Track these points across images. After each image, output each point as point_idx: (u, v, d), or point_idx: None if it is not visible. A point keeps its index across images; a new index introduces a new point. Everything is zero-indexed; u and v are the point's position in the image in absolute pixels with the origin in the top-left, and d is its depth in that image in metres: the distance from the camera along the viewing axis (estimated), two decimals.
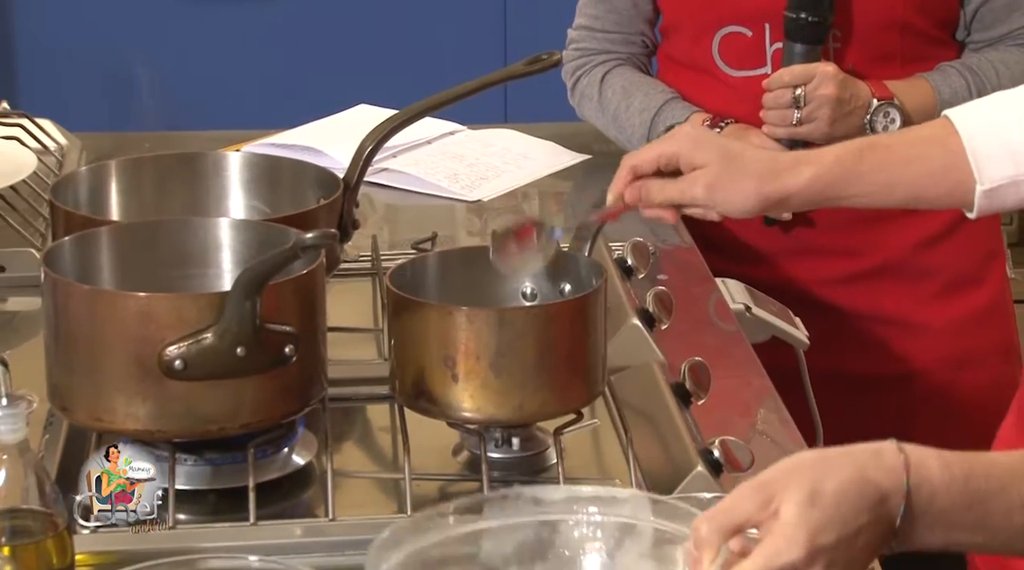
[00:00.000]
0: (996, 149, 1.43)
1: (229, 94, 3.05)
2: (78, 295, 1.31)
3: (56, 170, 2.00)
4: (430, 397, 1.34)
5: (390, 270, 1.41)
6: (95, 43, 3.15)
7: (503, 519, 1.11)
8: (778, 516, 1.02)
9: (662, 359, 1.53)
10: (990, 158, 1.43)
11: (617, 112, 2.07)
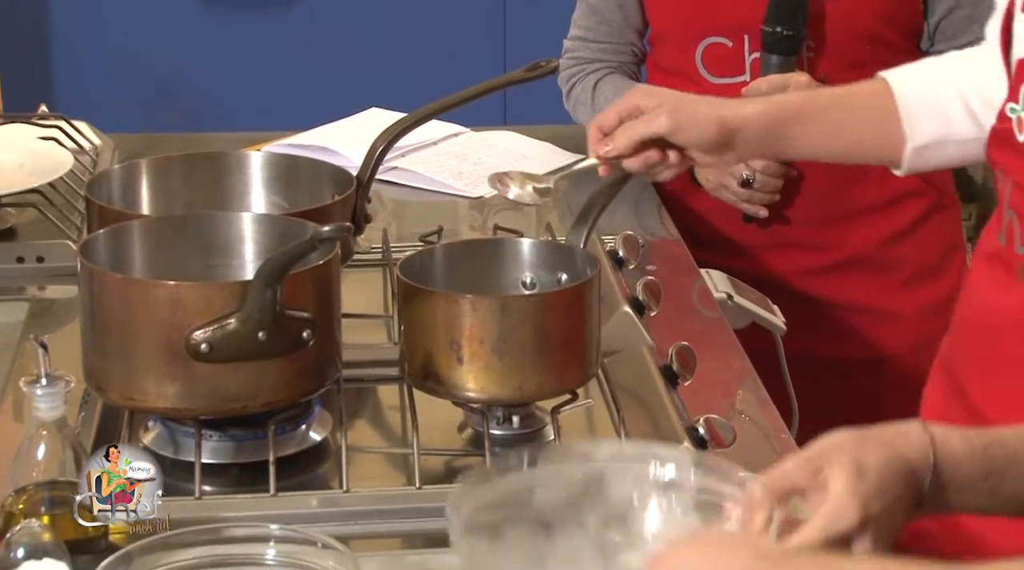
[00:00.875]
0: (927, 109, 1.43)
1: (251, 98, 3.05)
2: (112, 283, 1.30)
3: (91, 168, 1.99)
4: (437, 378, 1.34)
5: (400, 261, 1.40)
6: (127, 50, 3.14)
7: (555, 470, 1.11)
8: (828, 487, 1.03)
9: (651, 343, 1.53)
10: (921, 117, 1.42)
11: None
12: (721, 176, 1.98)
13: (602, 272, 1.40)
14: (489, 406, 1.36)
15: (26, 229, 1.81)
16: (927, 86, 1.44)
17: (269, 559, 1.11)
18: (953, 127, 1.43)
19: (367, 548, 1.19)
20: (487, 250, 1.46)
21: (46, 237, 1.77)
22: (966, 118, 1.43)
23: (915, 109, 1.43)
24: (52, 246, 1.75)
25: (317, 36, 3.13)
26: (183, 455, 1.32)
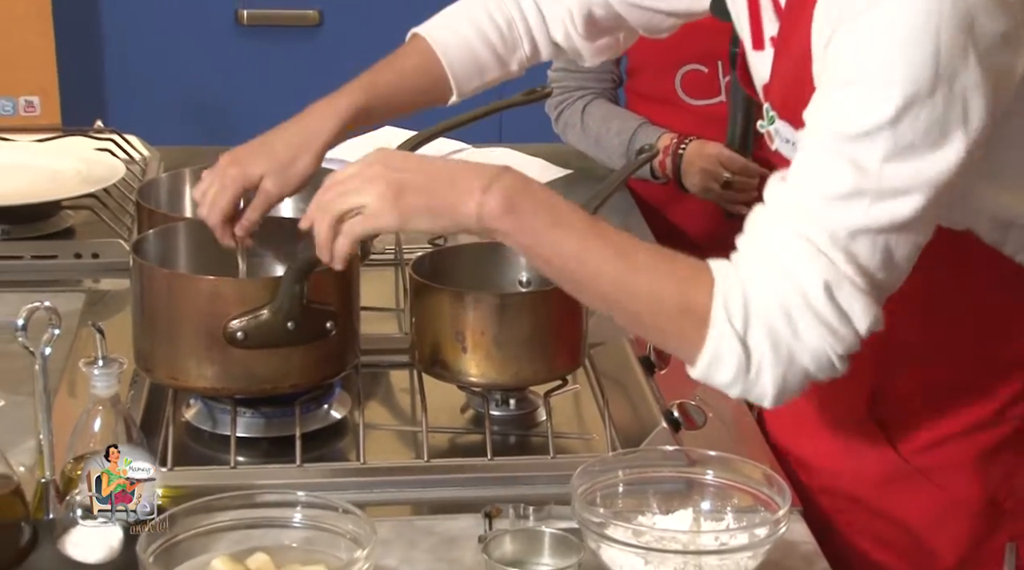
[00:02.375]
0: (466, 66, 1.44)
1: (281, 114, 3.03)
2: (160, 278, 1.29)
3: (140, 176, 1.98)
4: (443, 365, 1.33)
5: (412, 261, 1.39)
6: (172, 72, 3.12)
7: None
8: None
9: (631, 336, 1.52)
10: (462, 74, 1.44)
11: (599, 135, 2.07)
12: (705, 181, 1.97)
13: None
14: (489, 390, 1.35)
15: (83, 229, 1.80)
16: (465, 45, 1.44)
17: (296, 522, 1.11)
18: (487, 76, 1.46)
19: (381, 514, 1.18)
20: (489, 252, 1.45)
21: (100, 236, 1.76)
22: (497, 67, 1.46)
23: (460, 71, 1.44)
24: (106, 244, 1.74)
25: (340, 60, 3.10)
26: (220, 429, 1.32)
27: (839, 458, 1.28)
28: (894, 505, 1.27)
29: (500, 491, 1.23)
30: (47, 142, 2.03)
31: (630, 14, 1.44)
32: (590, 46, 1.47)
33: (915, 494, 1.26)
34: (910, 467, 1.25)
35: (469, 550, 1.14)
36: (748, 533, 1.09)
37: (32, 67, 2.96)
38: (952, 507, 1.25)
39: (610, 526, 1.08)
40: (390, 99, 1.41)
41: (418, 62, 1.43)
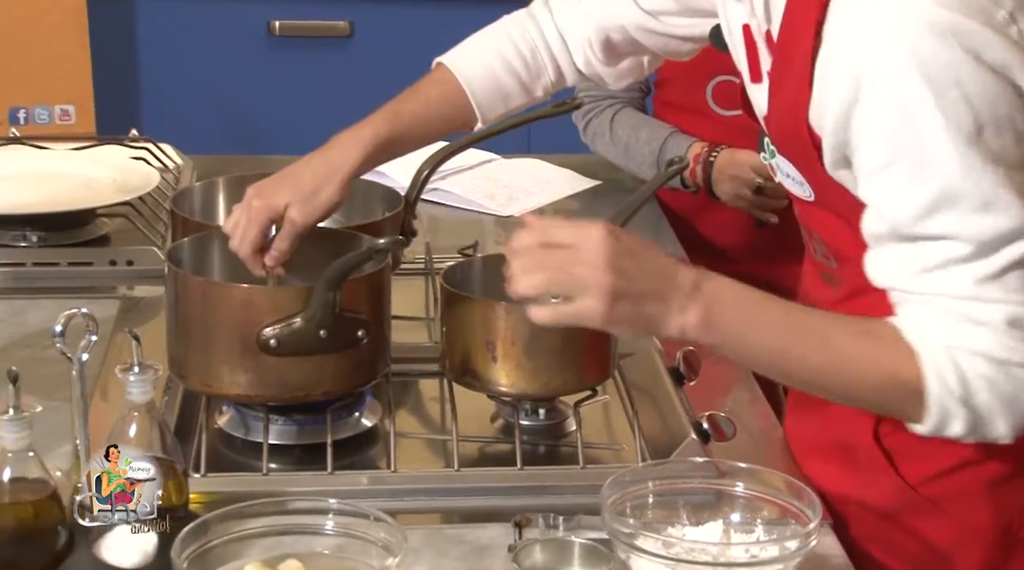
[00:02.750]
0: (490, 95, 1.45)
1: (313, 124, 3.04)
2: (194, 285, 1.30)
3: (174, 185, 1.99)
4: (473, 374, 1.33)
5: (443, 270, 1.40)
6: (206, 82, 3.14)
7: None
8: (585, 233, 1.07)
9: (660, 348, 1.51)
10: (487, 103, 1.45)
11: (628, 144, 2.06)
12: (737, 187, 1.96)
13: None
14: (519, 400, 1.35)
15: (118, 236, 1.81)
16: (489, 73, 1.45)
17: (328, 529, 1.11)
18: (511, 103, 1.47)
19: (412, 522, 1.18)
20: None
21: (135, 244, 1.77)
22: (522, 94, 1.47)
23: (484, 100, 1.45)
24: (140, 251, 1.75)
25: (370, 70, 3.13)
26: (252, 436, 1.32)
27: (847, 484, 1.27)
28: (899, 536, 1.25)
29: (530, 500, 1.23)
30: (83, 150, 2.05)
31: (646, 39, 1.44)
32: (611, 71, 1.48)
33: (926, 523, 1.24)
34: (919, 496, 1.24)
35: (499, 559, 1.14)
36: (778, 545, 1.09)
37: (68, 76, 2.99)
38: (966, 536, 1.24)
39: (640, 537, 1.08)
40: (414, 129, 1.42)
41: (442, 91, 1.44)
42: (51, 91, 2.99)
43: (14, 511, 1.07)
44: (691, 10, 1.40)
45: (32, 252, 1.75)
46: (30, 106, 2.99)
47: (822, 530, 1.13)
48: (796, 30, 1.12)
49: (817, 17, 1.10)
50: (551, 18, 1.47)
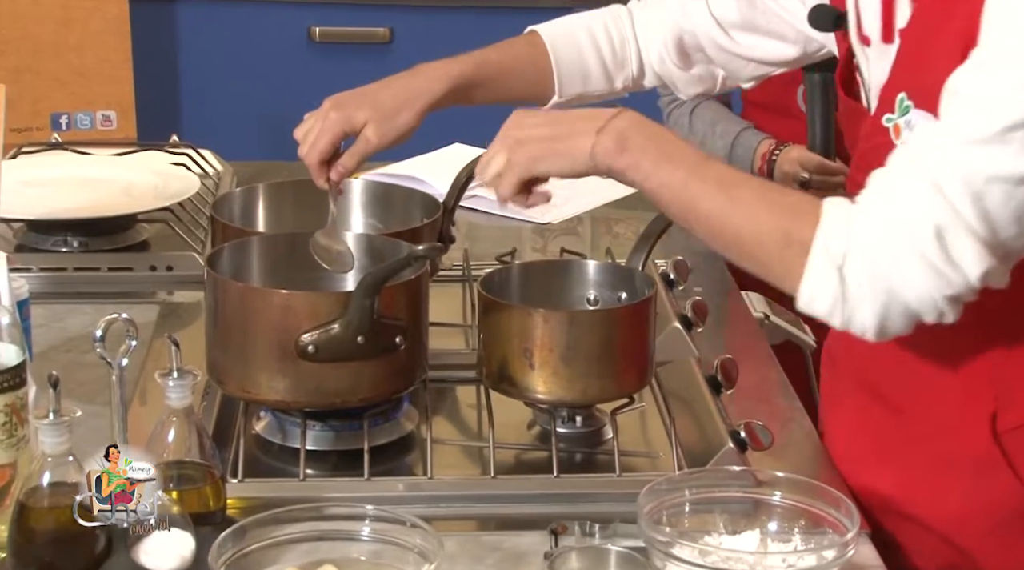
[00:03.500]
0: (574, 72, 1.47)
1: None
2: (233, 291, 1.31)
3: (214, 190, 2.00)
4: (510, 381, 1.33)
5: (481, 277, 1.40)
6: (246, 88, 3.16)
7: None
8: None
9: (698, 355, 1.51)
10: (568, 79, 1.47)
11: (704, 137, 2.10)
12: (785, 182, 1.98)
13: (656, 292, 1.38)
14: (556, 407, 1.35)
15: (158, 242, 1.82)
16: (576, 48, 1.47)
17: (364, 535, 1.11)
18: (590, 86, 1.48)
19: (448, 528, 1.18)
20: (557, 270, 1.46)
21: (175, 249, 1.78)
22: (603, 79, 1.48)
23: (565, 71, 1.46)
24: (180, 257, 1.76)
25: None
26: (290, 442, 1.33)
27: (940, 490, 1.21)
28: (1005, 549, 1.19)
29: (566, 508, 1.23)
30: (124, 156, 2.07)
31: (712, 51, 1.45)
32: (684, 75, 1.48)
33: None
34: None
35: (535, 566, 1.14)
36: (816, 555, 1.08)
37: (109, 82, 3.02)
38: None
39: (676, 545, 1.08)
40: (497, 79, 1.43)
41: (529, 52, 1.46)
42: (93, 97, 3.02)
43: (53, 515, 1.08)
44: (756, 27, 1.41)
45: (73, 257, 1.77)
46: (72, 112, 3.02)
47: (860, 540, 1.12)
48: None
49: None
50: (643, 14, 1.49)
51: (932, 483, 1.24)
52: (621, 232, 1.99)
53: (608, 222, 2.05)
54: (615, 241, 1.92)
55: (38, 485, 1.08)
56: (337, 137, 1.35)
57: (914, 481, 1.26)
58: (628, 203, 2.12)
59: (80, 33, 3.00)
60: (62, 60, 3.00)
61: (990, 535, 1.21)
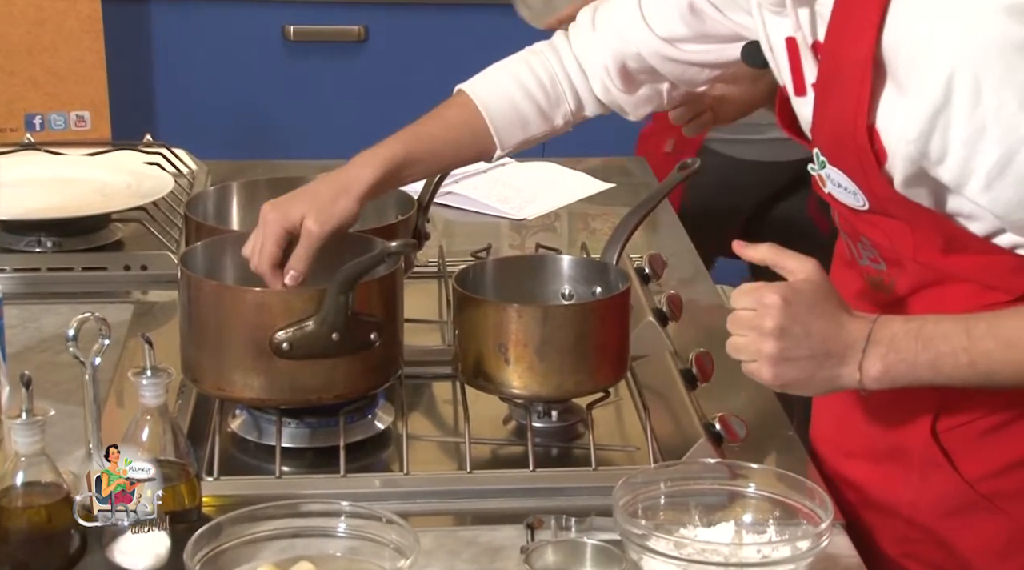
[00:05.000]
0: (510, 123, 1.46)
1: (327, 129, 3.05)
2: (207, 289, 1.30)
3: (188, 189, 2.00)
4: (486, 376, 1.33)
5: (455, 273, 1.40)
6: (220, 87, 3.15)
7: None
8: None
9: (673, 349, 1.52)
10: (506, 131, 1.45)
11: None
12: None
13: (631, 286, 1.39)
14: (532, 402, 1.35)
15: (132, 241, 1.82)
16: (507, 99, 1.46)
17: (340, 531, 1.11)
18: (530, 131, 1.47)
19: (424, 524, 1.19)
20: (531, 265, 1.46)
21: (149, 248, 1.78)
22: (541, 122, 1.47)
23: (501, 125, 1.45)
24: (154, 256, 1.76)
25: (384, 75, 3.13)
26: (265, 440, 1.32)
27: (897, 484, 1.26)
28: (955, 534, 1.24)
29: (542, 502, 1.23)
30: (97, 156, 2.06)
31: (663, 67, 1.44)
32: (630, 98, 1.48)
33: (980, 523, 1.23)
34: (976, 494, 1.22)
35: (511, 561, 1.14)
36: (790, 546, 1.09)
37: (83, 82, 3.00)
38: (1020, 537, 1.22)
39: (652, 538, 1.08)
40: (432, 150, 1.42)
41: (460, 115, 1.45)
42: (67, 97, 3.01)
43: (27, 515, 1.07)
44: (706, 36, 1.40)
45: (47, 257, 1.76)
46: (46, 113, 3.01)
47: (834, 530, 1.12)
48: (849, 35, 1.11)
49: (876, 20, 1.08)
50: (569, 47, 1.48)
51: (892, 474, 1.27)
52: (598, 228, 1.99)
53: (585, 218, 2.06)
54: (592, 237, 1.93)
55: (12, 485, 1.08)
56: (281, 238, 1.32)
57: (878, 471, 1.28)
58: (605, 198, 2.12)
59: (53, 33, 2.98)
60: (35, 60, 2.98)
61: (944, 520, 1.25)
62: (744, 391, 1.45)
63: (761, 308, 1.13)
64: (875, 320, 1.13)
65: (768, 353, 1.12)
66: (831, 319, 1.12)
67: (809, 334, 1.12)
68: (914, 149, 1.09)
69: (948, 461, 1.23)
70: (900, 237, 1.19)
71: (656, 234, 1.95)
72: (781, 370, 1.13)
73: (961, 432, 1.22)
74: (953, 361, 1.11)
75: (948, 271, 1.19)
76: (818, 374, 1.13)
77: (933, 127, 1.06)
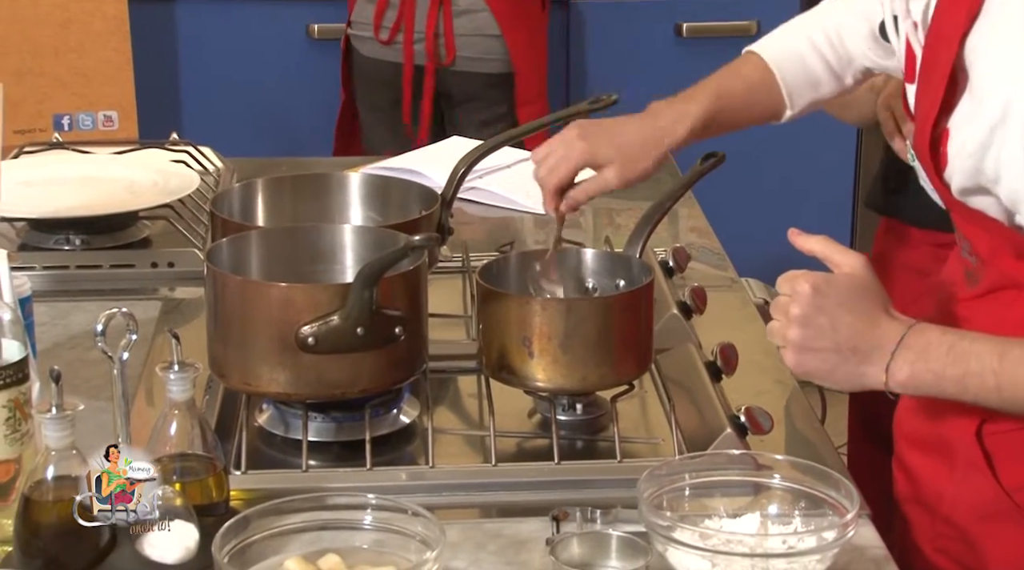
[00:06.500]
0: (802, 84, 1.44)
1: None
2: (233, 284, 1.31)
3: (214, 187, 2.00)
4: (510, 370, 1.33)
5: (479, 268, 1.40)
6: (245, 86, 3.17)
7: None
8: None
9: (697, 342, 1.51)
10: (799, 91, 1.44)
11: None
12: None
13: (654, 279, 1.38)
14: (556, 395, 1.35)
15: (159, 239, 1.83)
16: (799, 60, 1.44)
17: (366, 524, 1.12)
18: (821, 90, 1.45)
19: (449, 517, 1.18)
20: (556, 258, 1.46)
21: (176, 245, 1.78)
22: (832, 81, 1.45)
23: (793, 85, 1.44)
24: (181, 253, 1.76)
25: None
26: (292, 434, 1.33)
27: (941, 478, 1.25)
28: (986, 539, 1.23)
29: (567, 495, 1.23)
30: (124, 154, 2.07)
31: None
32: (889, 63, 1.43)
33: (1011, 532, 1.21)
34: (1012, 503, 1.20)
35: (536, 553, 1.14)
36: (816, 537, 1.08)
37: (110, 82, 3.02)
38: None
39: (677, 529, 1.08)
40: (733, 111, 1.42)
41: (755, 73, 1.44)
42: (95, 97, 3.03)
43: (58, 508, 1.08)
44: None
45: (75, 255, 1.77)
46: (74, 113, 3.03)
47: (860, 521, 1.12)
48: (940, 37, 1.11)
49: (963, 28, 1.08)
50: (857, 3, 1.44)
51: (937, 467, 1.26)
52: (623, 223, 1.99)
53: (610, 213, 2.05)
54: (616, 232, 1.92)
55: (42, 479, 1.08)
56: (578, 168, 1.35)
57: (926, 462, 1.27)
58: (630, 193, 2.10)
59: (81, 34, 3.00)
60: (63, 61, 3.00)
61: (977, 524, 1.23)
62: (770, 384, 1.45)
63: (793, 295, 1.13)
64: (912, 325, 1.11)
65: (791, 339, 1.12)
66: (864, 316, 1.11)
67: (836, 327, 1.11)
68: (971, 163, 1.09)
69: (988, 465, 1.22)
70: (978, 238, 1.19)
71: (682, 227, 1.95)
72: (803, 358, 1.12)
73: (1006, 438, 1.20)
74: (980, 382, 1.10)
75: (1020, 278, 1.18)
76: (841, 368, 1.12)
77: (989, 145, 1.06)
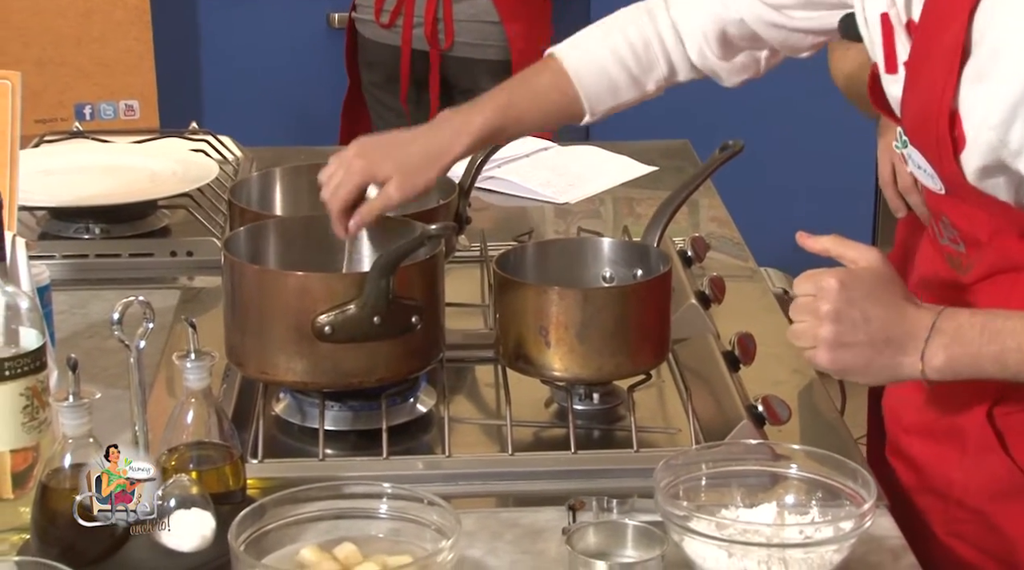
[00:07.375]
0: (601, 89, 1.43)
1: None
2: (250, 274, 1.31)
3: (233, 176, 2.01)
4: (527, 359, 1.33)
5: (496, 257, 1.40)
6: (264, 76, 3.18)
7: None
8: None
9: (715, 331, 1.51)
10: (596, 96, 1.43)
11: None
12: None
13: (673, 269, 1.38)
14: (573, 384, 1.35)
15: (178, 228, 1.83)
16: (598, 65, 1.43)
17: (382, 513, 1.12)
18: (620, 98, 1.45)
19: (466, 506, 1.18)
20: (572, 248, 1.45)
21: (195, 234, 1.79)
22: (632, 88, 1.45)
23: (592, 91, 1.43)
24: (200, 242, 1.77)
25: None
26: (309, 423, 1.33)
27: (950, 464, 1.25)
28: (1003, 517, 1.22)
29: (584, 484, 1.23)
30: (144, 143, 2.08)
31: (767, 33, 1.42)
32: (726, 65, 1.45)
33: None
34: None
35: (553, 542, 1.14)
36: (833, 526, 1.08)
37: (132, 72, 3.03)
38: None
39: (693, 519, 1.08)
40: (522, 118, 1.41)
41: (551, 81, 1.43)
42: (116, 87, 3.04)
43: (74, 496, 1.08)
44: (814, 3, 1.38)
45: (94, 244, 1.78)
46: (95, 102, 3.04)
47: (878, 511, 1.11)
48: (942, 18, 1.10)
49: (969, 5, 1.07)
50: (667, 11, 1.45)
51: (946, 454, 1.26)
52: (642, 212, 1.98)
53: (629, 202, 2.05)
54: (636, 221, 1.91)
55: (60, 467, 1.09)
56: (360, 186, 1.34)
57: (933, 450, 1.27)
58: (649, 182, 2.11)
59: (102, 24, 3.01)
60: (85, 51, 3.01)
61: (992, 503, 1.23)
62: (788, 373, 1.44)
63: (819, 292, 1.12)
64: (941, 311, 1.11)
65: (824, 337, 1.11)
66: (891, 307, 1.11)
67: (868, 320, 1.11)
68: (994, 136, 1.07)
69: (1001, 444, 1.22)
70: (977, 222, 1.18)
71: (701, 216, 1.94)
72: (838, 355, 1.11)
73: (1018, 418, 1.20)
74: (1019, 357, 1.09)
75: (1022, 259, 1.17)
76: (877, 361, 1.11)
77: (1015, 115, 1.05)
